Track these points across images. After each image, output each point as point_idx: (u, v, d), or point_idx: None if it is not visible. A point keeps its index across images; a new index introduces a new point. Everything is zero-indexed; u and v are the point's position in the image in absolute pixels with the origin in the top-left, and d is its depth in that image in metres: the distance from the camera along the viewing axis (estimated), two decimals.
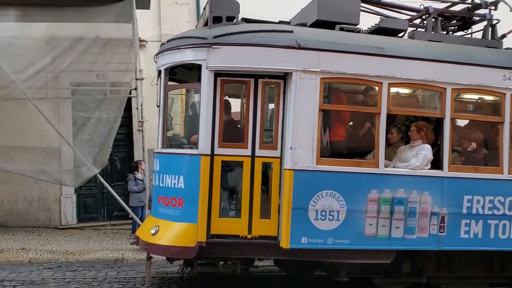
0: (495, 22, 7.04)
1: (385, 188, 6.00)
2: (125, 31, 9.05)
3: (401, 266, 6.50)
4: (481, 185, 6.28)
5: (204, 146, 5.91)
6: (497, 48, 6.91)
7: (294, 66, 5.85)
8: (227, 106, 6.45)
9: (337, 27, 6.34)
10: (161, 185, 6.33)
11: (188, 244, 5.88)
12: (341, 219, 5.89)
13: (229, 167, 6.22)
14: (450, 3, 7.48)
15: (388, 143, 6.30)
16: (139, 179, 9.67)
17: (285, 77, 5.97)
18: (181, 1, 11.82)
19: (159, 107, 6.66)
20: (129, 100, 9.58)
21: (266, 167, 6.07)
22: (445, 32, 7.28)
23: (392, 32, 6.67)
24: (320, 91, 5.89)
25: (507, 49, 7.05)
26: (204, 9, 6.75)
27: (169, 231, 6.05)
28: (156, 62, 6.75)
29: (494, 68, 6.35)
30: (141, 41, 10.40)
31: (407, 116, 6.73)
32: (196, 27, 8.06)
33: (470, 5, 7.21)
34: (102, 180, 9.21)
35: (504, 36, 7.19)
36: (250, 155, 6.01)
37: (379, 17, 7.09)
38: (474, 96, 6.87)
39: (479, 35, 7.22)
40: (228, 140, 6.07)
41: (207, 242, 5.89)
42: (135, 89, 9.12)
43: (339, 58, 5.95)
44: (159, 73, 6.63)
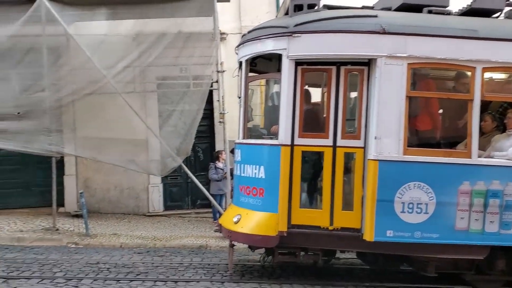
0: None
1: (478, 180, 5.70)
2: (206, 24, 9.23)
3: (495, 262, 6.11)
4: None
5: (284, 136, 5.91)
6: None
7: (378, 51, 5.68)
8: (307, 95, 6.39)
9: (425, 9, 6.09)
10: (243, 174, 6.43)
11: (269, 233, 5.95)
12: (430, 212, 5.69)
13: (309, 157, 6.15)
14: None
15: (481, 132, 5.92)
16: (219, 168, 9.93)
17: (369, 63, 5.83)
18: None
19: (240, 98, 6.74)
20: (210, 92, 9.81)
21: (348, 158, 5.95)
22: None
23: (486, 12, 6.26)
24: (407, 77, 5.67)
25: None
26: None
27: (251, 220, 6.15)
28: (237, 53, 6.83)
29: None
30: (221, 34, 10.55)
31: (501, 103, 6.30)
32: (276, 17, 8.02)
33: None
34: (186, 169, 9.54)
35: None
36: (331, 145, 5.94)
37: None
38: None
39: None
40: (308, 130, 6.02)
41: (288, 232, 5.92)
42: (217, 81, 9.31)
43: (427, 42, 5.69)
44: (240, 64, 6.69)
